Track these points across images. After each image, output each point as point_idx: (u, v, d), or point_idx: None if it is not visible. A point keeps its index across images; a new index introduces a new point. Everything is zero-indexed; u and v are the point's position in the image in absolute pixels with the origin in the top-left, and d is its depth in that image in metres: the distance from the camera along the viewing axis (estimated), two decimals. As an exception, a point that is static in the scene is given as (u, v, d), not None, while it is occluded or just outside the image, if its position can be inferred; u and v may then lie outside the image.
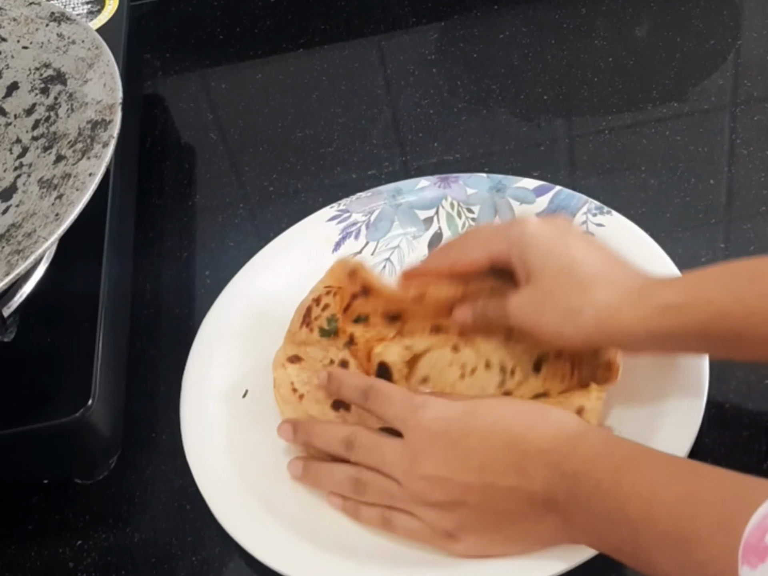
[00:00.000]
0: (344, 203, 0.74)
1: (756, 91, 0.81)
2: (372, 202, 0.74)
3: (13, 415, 0.60)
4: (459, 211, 0.73)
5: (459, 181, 0.75)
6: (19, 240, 0.58)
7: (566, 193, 0.73)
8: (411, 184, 0.75)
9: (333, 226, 0.73)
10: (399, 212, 0.73)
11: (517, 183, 0.74)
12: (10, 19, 0.72)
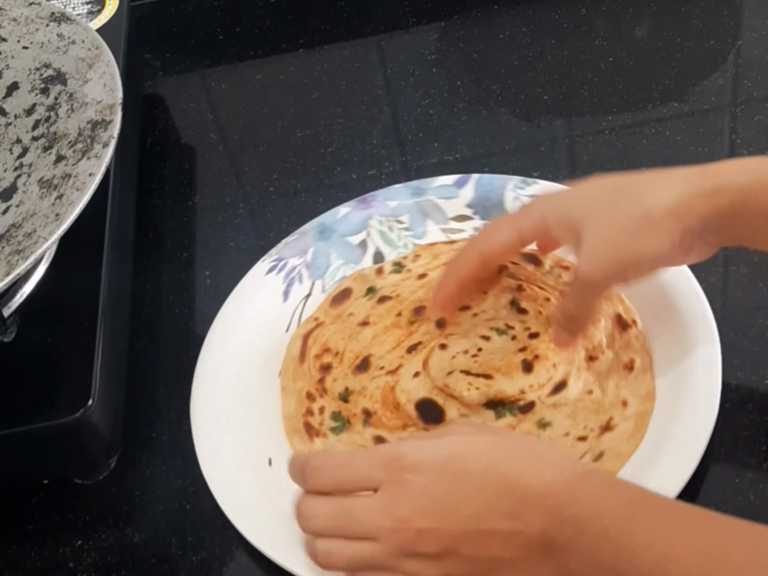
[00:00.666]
0: (275, 252, 0.72)
1: (756, 91, 0.81)
2: (302, 244, 0.73)
3: (13, 415, 0.60)
4: (389, 226, 0.73)
5: (378, 198, 0.75)
6: (20, 240, 0.58)
7: (487, 178, 0.74)
8: (332, 215, 0.74)
9: (274, 278, 0.71)
10: (332, 245, 0.73)
11: (435, 183, 0.75)
12: (11, 19, 0.72)
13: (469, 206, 0.73)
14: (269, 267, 0.71)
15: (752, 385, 0.62)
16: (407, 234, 0.73)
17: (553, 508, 0.48)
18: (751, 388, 0.62)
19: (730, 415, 0.60)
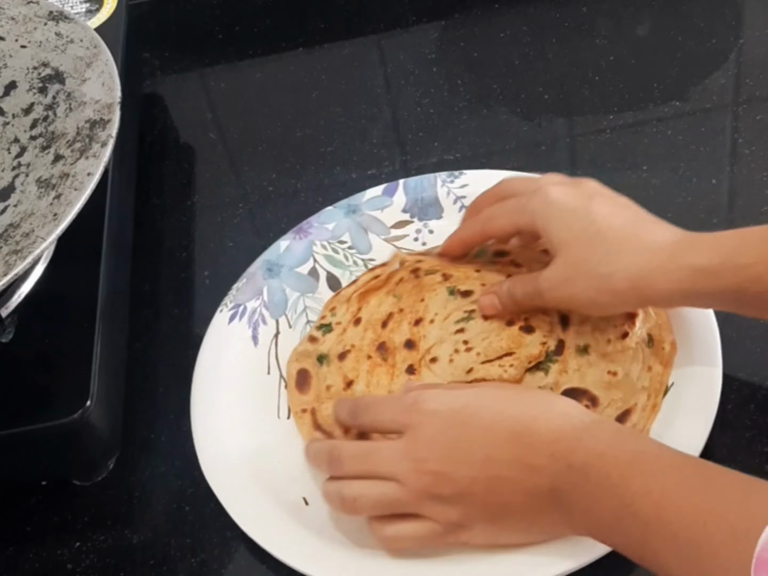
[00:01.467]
0: (230, 299, 0.70)
1: (758, 90, 0.81)
2: (254, 285, 0.71)
3: (12, 416, 0.60)
4: (333, 248, 0.73)
5: (314, 224, 0.74)
6: (17, 240, 0.57)
7: (414, 181, 0.76)
8: (274, 250, 0.73)
9: (238, 325, 0.70)
10: (284, 280, 0.72)
11: (365, 197, 0.75)
12: (8, 18, 0.72)
13: (404, 211, 0.75)
14: (230, 316, 0.70)
15: (754, 385, 0.62)
16: (353, 252, 0.73)
17: (561, 454, 0.51)
18: (753, 388, 0.62)
19: (731, 416, 0.60)
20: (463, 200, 0.73)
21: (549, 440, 0.52)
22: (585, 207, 0.60)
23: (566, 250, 0.59)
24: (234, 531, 0.60)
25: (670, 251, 0.56)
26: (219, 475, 0.62)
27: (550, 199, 0.61)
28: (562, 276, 0.60)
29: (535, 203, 0.61)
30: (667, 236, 0.58)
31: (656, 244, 0.57)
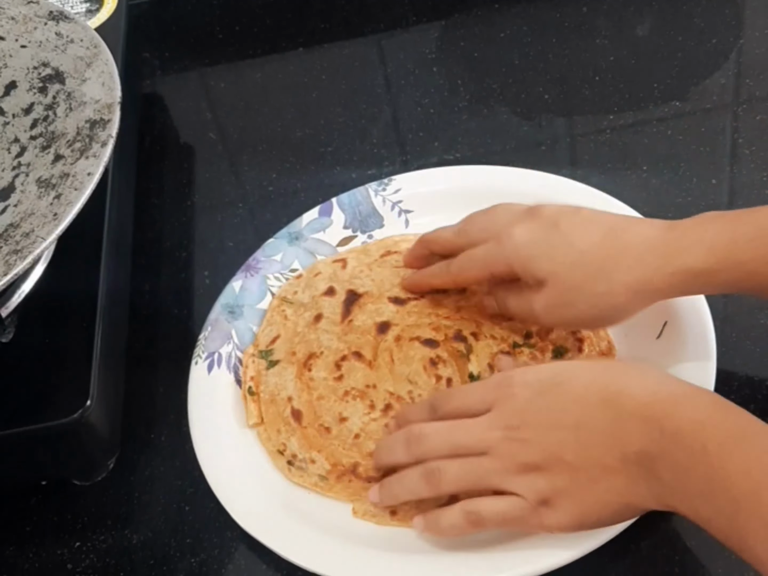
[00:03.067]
0: (201, 350, 0.69)
1: (758, 90, 0.81)
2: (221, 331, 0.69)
3: (11, 416, 0.60)
4: (287, 278, 0.73)
5: (260, 258, 0.73)
6: (17, 240, 0.57)
7: (346, 196, 0.76)
8: (230, 293, 0.71)
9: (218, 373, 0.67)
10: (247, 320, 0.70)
11: (303, 222, 0.75)
12: (9, 17, 0.71)
13: (346, 227, 0.75)
14: (207, 365, 0.68)
15: (754, 386, 0.62)
16: (305, 277, 0.72)
17: (654, 418, 0.49)
18: (753, 389, 0.62)
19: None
20: (399, 205, 0.75)
21: (642, 403, 0.50)
22: (557, 235, 0.59)
23: (555, 278, 0.59)
24: (234, 531, 0.60)
25: (663, 253, 0.56)
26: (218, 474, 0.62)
27: (517, 241, 0.60)
28: (559, 302, 0.59)
29: (506, 250, 0.61)
30: (652, 236, 0.57)
31: (646, 248, 0.57)
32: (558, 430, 0.52)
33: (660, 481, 0.49)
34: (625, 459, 0.50)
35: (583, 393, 0.53)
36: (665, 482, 0.49)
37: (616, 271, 0.57)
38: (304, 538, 0.58)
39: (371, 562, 0.56)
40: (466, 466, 0.55)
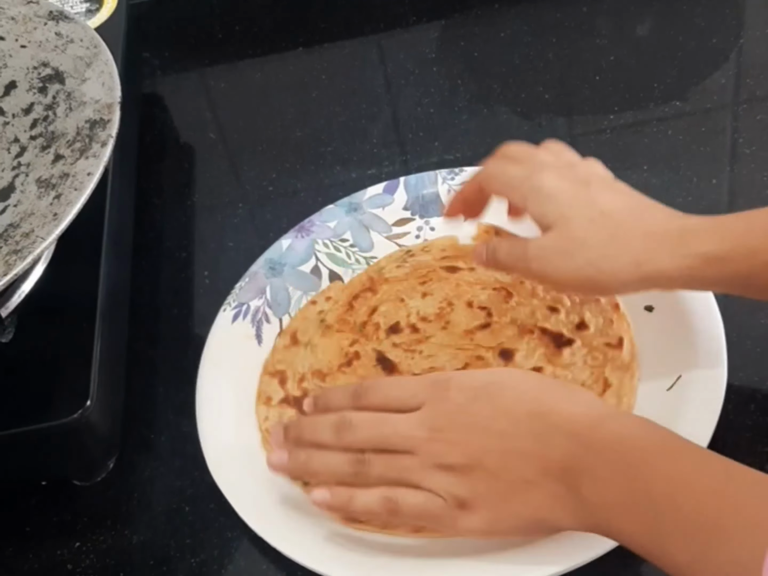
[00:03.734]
0: (233, 299, 0.71)
1: (758, 90, 0.81)
2: (257, 285, 0.72)
3: (11, 416, 0.60)
4: (335, 246, 0.74)
5: (316, 223, 0.75)
6: (17, 240, 0.57)
7: (414, 178, 0.76)
8: (277, 249, 0.73)
9: (241, 324, 0.70)
10: (286, 278, 0.72)
11: (366, 195, 0.76)
12: (8, 17, 0.72)
13: (406, 208, 0.75)
14: (233, 315, 0.70)
15: (754, 386, 0.62)
16: (354, 250, 0.73)
17: (579, 434, 0.50)
18: (753, 388, 0.62)
19: (732, 416, 0.60)
20: None
21: (569, 420, 0.51)
22: (585, 191, 0.58)
23: (565, 224, 0.57)
24: (234, 531, 0.60)
25: (678, 236, 0.55)
26: (224, 472, 0.62)
27: (544, 184, 0.59)
28: (558, 247, 0.57)
29: (528, 189, 0.60)
30: (672, 221, 0.57)
31: (662, 228, 0.56)
32: (484, 437, 0.53)
33: (580, 498, 0.49)
34: (546, 473, 0.51)
35: (513, 404, 0.53)
36: (585, 499, 0.49)
37: (627, 241, 0.56)
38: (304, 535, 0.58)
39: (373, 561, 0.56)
40: (391, 462, 0.55)
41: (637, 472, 0.48)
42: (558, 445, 0.51)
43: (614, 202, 0.58)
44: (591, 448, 0.50)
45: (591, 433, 0.50)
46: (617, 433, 0.50)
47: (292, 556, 0.57)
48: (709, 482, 0.46)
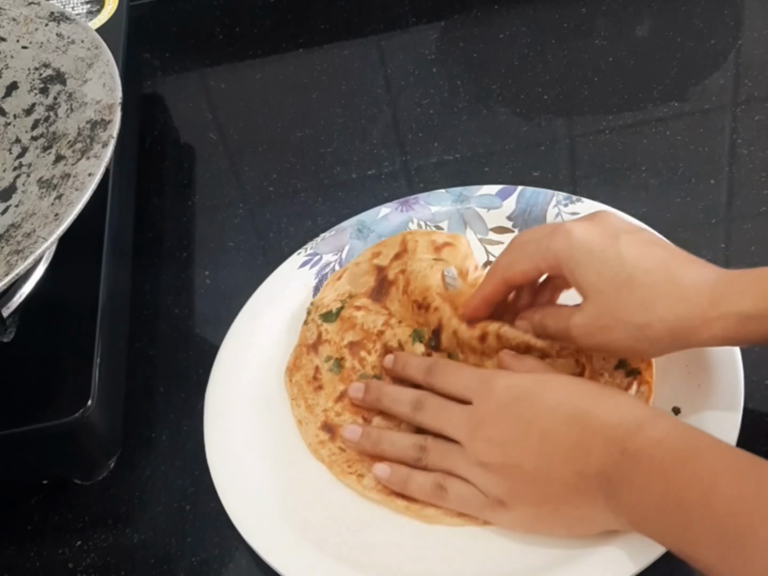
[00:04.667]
0: (311, 246, 0.72)
1: (757, 91, 0.81)
2: (339, 241, 0.72)
3: (13, 416, 0.60)
4: (428, 228, 0.73)
5: (420, 202, 0.74)
6: (19, 240, 0.57)
7: (531, 191, 0.73)
8: (373, 214, 0.73)
9: (306, 272, 0.71)
10: (368, 245, 0.72)
11: (479, 191, 0.74)
12: (10, 18, 0.72)
13: (509, 218, 0.72)
14: (303, 261, 0.72)
15: (753, 385, 0.62)
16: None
17: (617, 440, 0.51)
18: (753, 388, 0.62)
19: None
20: None
21: (608, 425, 0.52)
22: (613, 248, 0.56)
23: (598, 296, 0.56)
24: (234, 530, 0.60)
25: (710, 297, 0.54)
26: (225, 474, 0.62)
27: (573, 238, 0.57)
28: (597, 323, 0.57)
29: (558, 243, 0.58)
30: (704, 278, 0.55)
31: (694, 289, 0.54)
32: (522, 438, 0.54)
33: (617, 498, 0.51)
34: (583, 476, 0.52)
35: (554, 406, 0.54)
36: (622, 502, 0.51)
37: (658, 307, 0.55)
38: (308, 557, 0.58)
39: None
40: (445, 454, 0.58)
41: (671, 477, 0.48)
42: (595, 450, 0.52)
43: (643, 258, 0.56)
44: (627, 452, 0.50)
45: (628, 439, 0.51)
46: (654, 438, 0.50)
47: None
48: (743, 487, 0.46)
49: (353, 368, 0.65)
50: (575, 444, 0.53)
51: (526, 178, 0.77)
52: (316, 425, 0.63)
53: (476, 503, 0.56)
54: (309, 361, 0.66)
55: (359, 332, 0.66)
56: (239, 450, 0.63)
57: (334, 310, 0.68)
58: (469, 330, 0.62)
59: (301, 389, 0.65)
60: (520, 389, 0.56)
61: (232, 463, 0.62)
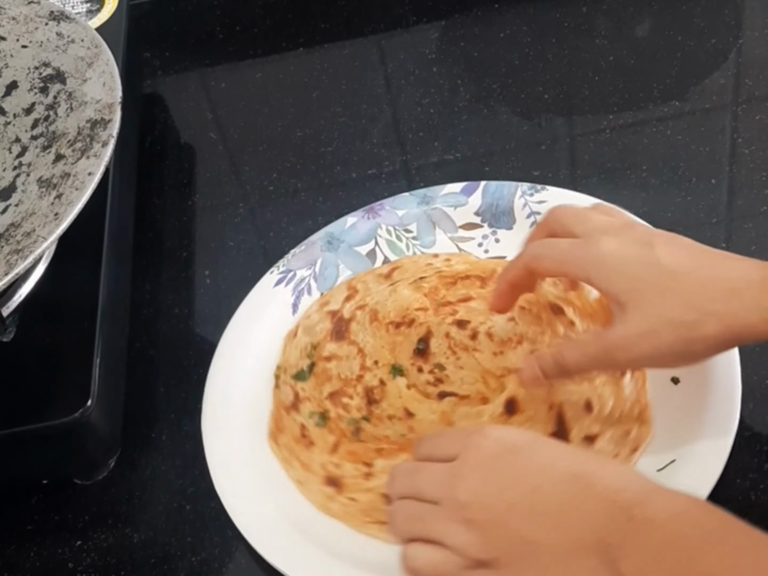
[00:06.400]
0: (283, 264, 0.72)
1: (757, 90, 0.81)
2: (310, 255, 0.72)
3: (13, 416, 0.60)
4: (397, 235, 0.73)
5: (386, 207, 0.74)
6: (18, 239, 0.57)
7: (495, 185, 0.74)
8: (340, 224, 0.73)
9: (283, 290, 0.71)
10: (340, 255, 0.72)
11: (443, 191, 0.74)
12: (10, 17, 0.72)
13: (477, 214, 0.73)
14: (277, 279, 0.71)
15: (753, 385, 0.62)
16: (416, 243, 0.73)
17: (622, 504, 0.46)
18: (753, 387, 0.62)
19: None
20: (537, 216, 0.72)
21: (612, 488, 0.47)
22: (649, 254, 0.54)
23: (640, 300, 0.53)
24: (235, 530, 0.60)
25: (761, 288, 0.52)
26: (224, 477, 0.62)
27: (604, 252, 0.55)
28: (642, 329, 0.53)
29: (589, 254, 0.55)
30: (750, 271, 0.53)
31: (743, 282, 0.52)
32: (511, 491, 0.49)
33: (616, 570, 0.45)
34: (578, 543, 0.47)
35: (549, 463, 0.50)
36: (627, 570, 0.45)
37: (708, 301, 0.52)
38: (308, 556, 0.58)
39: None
40: (416, 513, 0.52)
41: (697, 555, 0.44)
42: (597, 513, 0.47)
43: (683, 259, 0.54)
44: (634, 520, 0.46)
45: (635, 506, 0.46)
46: (666, 510, 0.46)
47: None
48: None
49: (339, 416, 0.64)
50: (573, 504, 0.47)
51: (527, 177, 0.77)
52: (318, 482, 0.61)
53: (450, 567, 0.50)
54: (292, 421, 0.64)
55: (337, 382, 0.65)
56: (238, 452, 0.63)
57: (305, 368, 0.66)
58: (461, 331, 0.64)
59: (292, 450, 0.63)
60: (516, 441, 0.51)
61: (231, 463, 0.62)
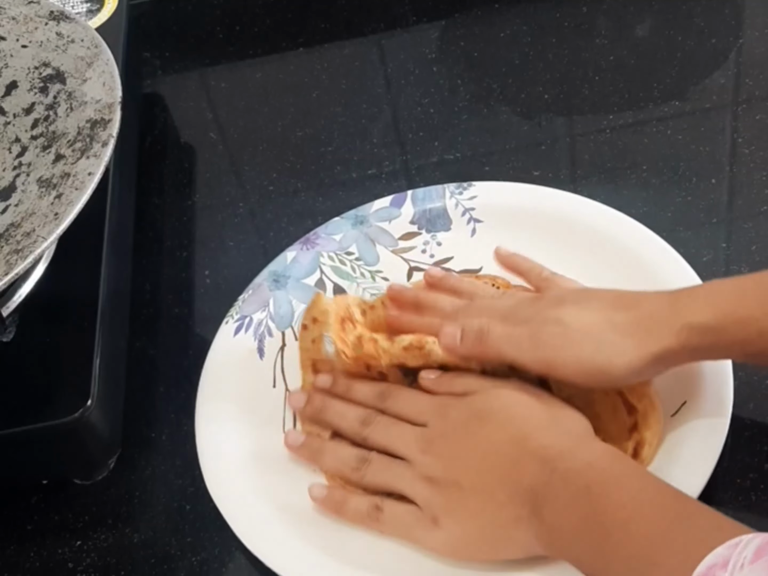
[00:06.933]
0: (236, 311, 0.70)
1: (758, 90, 0.81)
2: (260, 297, 0.71)
3: (12, 416, 0.60)
4: (341, 260, 0.73)
5: (321, 235, 0.74)
6: (18, 239, 0.57)
7: (422, 192, 0.75)
8: (281, 261, 0.72)
9: (243, 337, 0.69)
10: (290, 291, 0.71)
11: (372, 207, 0.75)
12: (9, 17, 0.72)
13: (412, 222, 0.74)
14: (236, 328, 0.69)
15: (753, 385, 0.62)
16: (360, 264, 0.73)
17: (549, 459, 0.53)
18: (753, 388, 0.62)
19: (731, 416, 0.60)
20: (471, 212, 0.73)
21: (544, 446, 0.54)
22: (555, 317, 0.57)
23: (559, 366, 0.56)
24: (234, 530, 0.60)
25: (670, 310, 0.54)
26: (222, 488, 0.62)
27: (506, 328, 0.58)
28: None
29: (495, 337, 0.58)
30: (662, 296, 0.56)
31: (656, 305, 0.55)
32: (467, 457, 0.56)
33: (541, 521, 0.52)
34: (514, 495, 0.53)
35: (498, 429, 0.56)
36: (545, 522, 0.51)
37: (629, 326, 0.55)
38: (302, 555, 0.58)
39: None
40: (388, 466, 0.58)
41: (595, 500, 0.49)
42: (529, 469, 0.53)
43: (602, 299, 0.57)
44: (557, 472, 0.52)
45: (560, 460, 0.52)
46: (584, 461, 0.52)
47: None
48: (661, 519, 0.47)
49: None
50: (512, 465, 0.54)
51: (527, 177, 0.77)
52: None
53: (410, 521, 0.56)
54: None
55: None
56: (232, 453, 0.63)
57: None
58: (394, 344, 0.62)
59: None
60: (473, 411, 0.57)
61: (225, 465, 0.62)
